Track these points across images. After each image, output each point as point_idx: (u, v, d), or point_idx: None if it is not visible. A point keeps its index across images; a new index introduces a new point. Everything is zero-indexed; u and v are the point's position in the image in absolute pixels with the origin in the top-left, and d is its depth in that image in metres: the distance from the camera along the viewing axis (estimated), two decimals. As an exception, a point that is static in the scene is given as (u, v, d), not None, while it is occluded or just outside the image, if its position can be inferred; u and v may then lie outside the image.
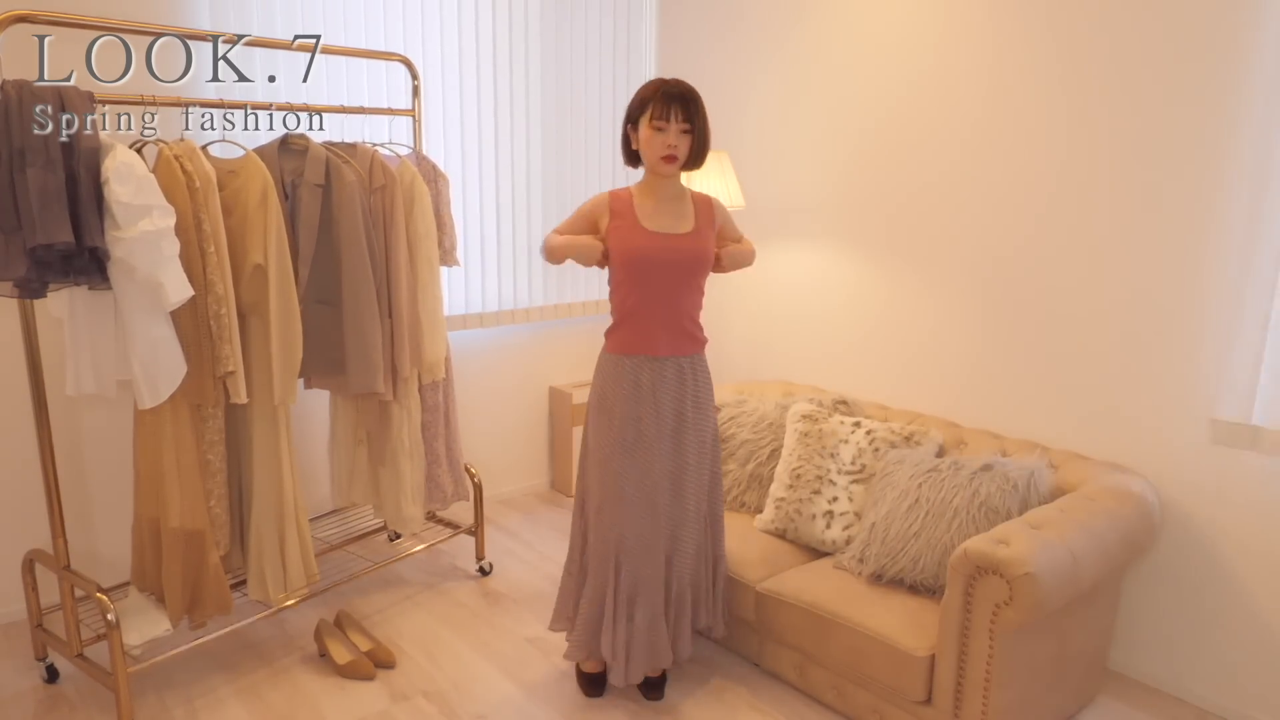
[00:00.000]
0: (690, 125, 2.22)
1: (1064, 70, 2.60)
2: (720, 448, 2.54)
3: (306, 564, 2.64)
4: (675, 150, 2.23)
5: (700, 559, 2.46)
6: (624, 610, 2.34)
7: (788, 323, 3.61)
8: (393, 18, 3.30)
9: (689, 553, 2.40)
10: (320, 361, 2.66)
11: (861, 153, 3.22)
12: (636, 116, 2.25)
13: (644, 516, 2.32)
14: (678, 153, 2.23)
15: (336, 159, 2.58)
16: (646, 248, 2.26)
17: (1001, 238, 2.81)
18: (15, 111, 1.94)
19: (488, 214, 3.71)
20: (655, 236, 2.27)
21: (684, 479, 2.37)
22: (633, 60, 4.05)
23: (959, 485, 2.38)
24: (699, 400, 2.38)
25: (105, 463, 2.90)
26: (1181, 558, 2.51)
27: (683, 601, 2.42)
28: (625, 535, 2.31)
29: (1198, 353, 2.41)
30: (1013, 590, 1.95)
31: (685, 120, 2.21)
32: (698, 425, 2.38)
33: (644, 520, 2.32)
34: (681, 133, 2.22)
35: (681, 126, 2.21)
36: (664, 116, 2.20)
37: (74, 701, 2.44)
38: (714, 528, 2.50)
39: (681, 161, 2.26)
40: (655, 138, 2.22)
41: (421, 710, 2.45)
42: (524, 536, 3.62)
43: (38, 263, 2.01)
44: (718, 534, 2.52)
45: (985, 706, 2.06)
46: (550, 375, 4.10)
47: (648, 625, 2.35)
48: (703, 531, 2.45)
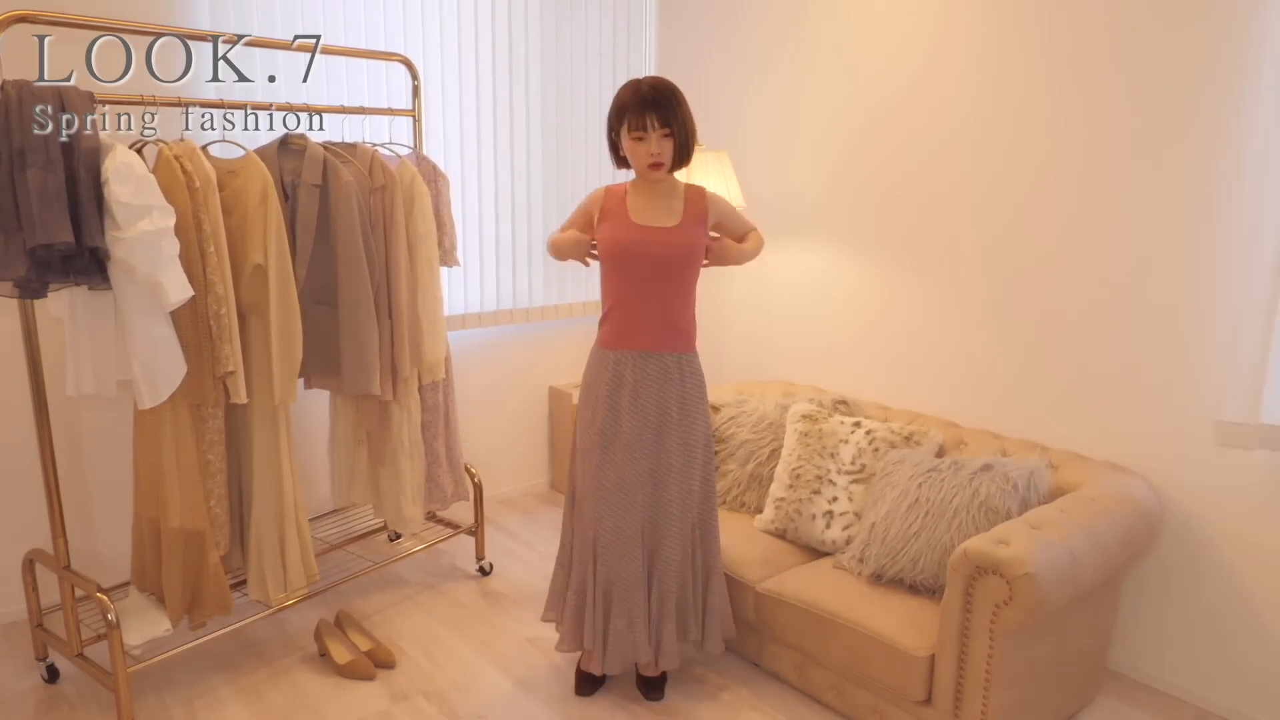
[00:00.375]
0: (669, 129, 2.19)
1: (1064, 66, 2.60)
2: (714, 457, 2.47)
3: (306, 564, 2.64)
4: (659, 157, 2.21)
5: (686, 568, 2.39)
6: (601, 604, 2.34)
7: (788, 323, 3.61)
8: (393, 18, 3.30)
9: (673, 560, 2.35)
10: (319, 362, 2.66)
11: (861, 152, 3.22)
12: (616, 126, 2.23)
13: (620, 512, 2.31)
14: (663, 158, 2.22)
15: (334, 159, 2.58)
16: (631, 240, 2.26)
17: (1002, 237, 2.81)
18: (15, 111, 1.94)
19: (487, 214, 3.71)
20: (640, 229, 2.27)
21: (667, 480, 2.33)
22: (633, 60, 4.05)
23: (959, 485, 2.38)
24: (686, 402, 2.34)
25: (105, 463, 2.90)
26: (1181, 558, 2.51)
27: (665, 607, 2.37)
28: (601, 530, 2.32)
29: (1199, 351, 2.41)
30: (1013, 590, 1.95)
31: (663, 125, 2.18)
32: (684, 427, 2.34)
33: (620, 515, 2.31)
34: (663, 138, 2.19)
35: (661, 132, 2.19)
36: (641, 126, 2.18)
37: (74, 701, 2.45)
38: (705, 541, 2.43)
39: (669, 165, 2.25)
40: (638, 148, 2.21)
41: (421, 710, 2.45)
42: (524, 536, 3.63)
43: (38, 263, 2.01)
44: (710, 548, 2.44)
45: (985, 706, 2.06)
46: (550, 375, 4.10)
47: (627, 624, 2.34)
48: (689, 540, 2.39)
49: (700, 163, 3.13)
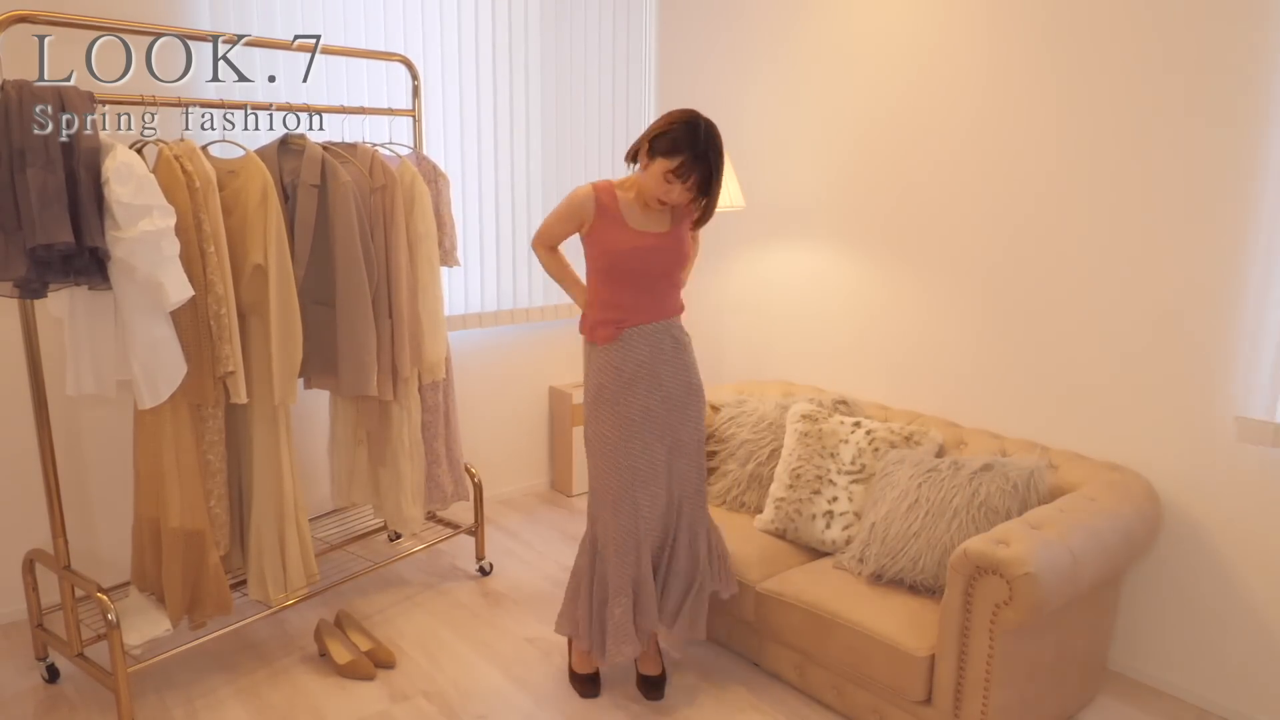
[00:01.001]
0: (703, 197, 2.22)
1: (1065, 63, 2.60)
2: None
3: (306, 564, 2.64)
4: (668, 200, 2.22)
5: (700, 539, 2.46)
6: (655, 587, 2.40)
7: (787, 323, 3.61)
8: (393, 18, 3.30)
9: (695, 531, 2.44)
10: (319, 362, 2.67)
11: (861, 152, 3.22)
12: (659, 151, 2.15)
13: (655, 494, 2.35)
14: (671, 203, 2.23)
15: (332, 159, 2.58)
16: (632, 249, 2.27)
17: (1002, 236, 2.81)
18: (15, 111, 1.94)
19: (487, 214, 3.71)
20: (639, 235, 2.28)
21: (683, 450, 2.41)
22: (633, 60, 4.05)
23: (959, 485, 2.38)
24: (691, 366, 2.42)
25: (105, 463, 2.90)
26: (1181, 558, 2.51)
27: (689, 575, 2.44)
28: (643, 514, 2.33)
29: (1199, 351, 2.41)
30: (1013, 590, 1.95)
31: (699, 191, 2.20)
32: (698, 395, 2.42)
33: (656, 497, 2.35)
34: (689, 196, 2.21)
35: (692, 194, 2.20)
36: (682, 176, 2.16)
37: (74, 701, 2.45)
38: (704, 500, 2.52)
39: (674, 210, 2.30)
40: (662, 185, 2.18)
41: (421, 710, 2.45)
42: (524, 536, 3.63)
43: (38, 263, 2.01)
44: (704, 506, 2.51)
45: (985, 706, 2.06)
46: (550, 375, 4.10)
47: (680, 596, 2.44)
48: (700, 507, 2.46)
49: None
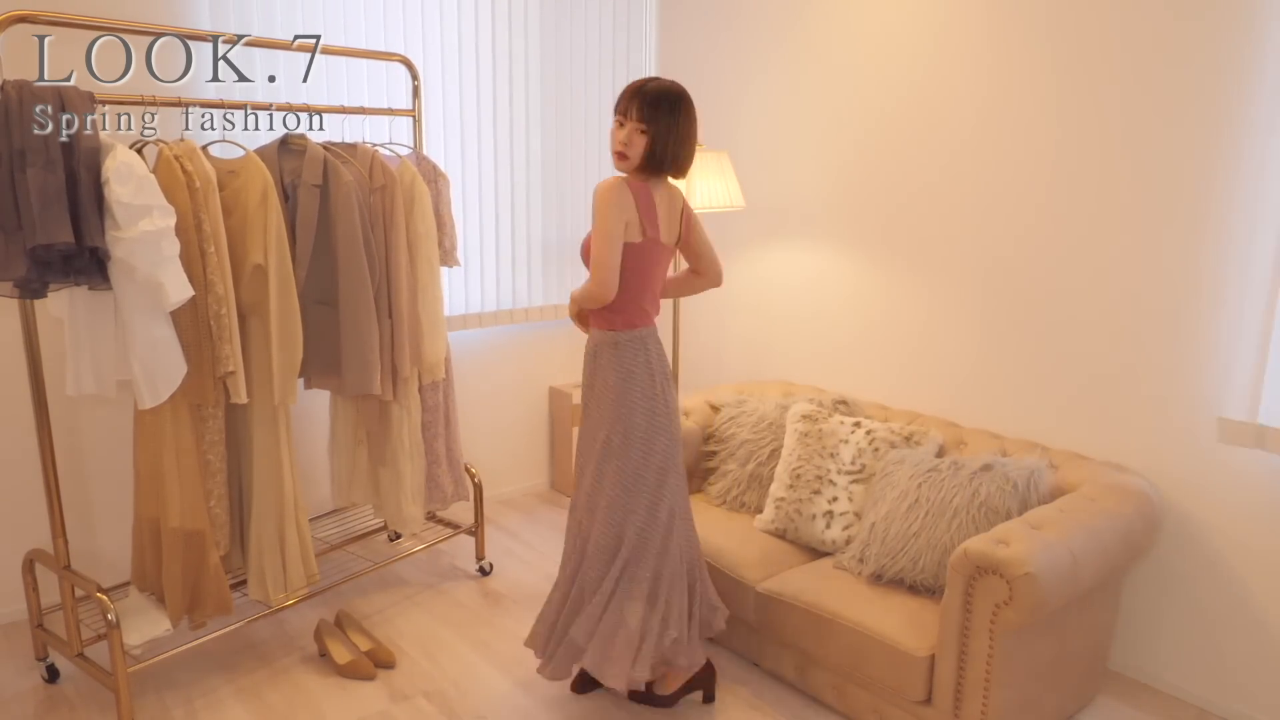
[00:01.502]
0: (646, 126, 2.09)
1: (1063, 66, 2.60)
2: None
3: (306, 564, 2.64)
4: (626, 149, 2.12)
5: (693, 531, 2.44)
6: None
7: (787, 323, 3.61)
8: (393, 18, 3.30)
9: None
10: (319, 362, 2.66)
11: (861, 152, 3.22)
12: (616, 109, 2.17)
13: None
14: (629, 151, 2.11)
15: (334, 159, 2.58)
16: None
17: (1002, 236, 2.82)
18: (15, 111, 1.94)
19: (487, 214, 3.71)
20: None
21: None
22: (633, 60, 4.05)
23: (959, 485, 2.38)
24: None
25: (105, 463, 2.90)
26: (1181, 558, 2.51)
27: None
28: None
29: (1199, 351, 2.41)
30: (1013, 590, 1.95)
31: (641, 120, 2.08)
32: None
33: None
34: (638, 132, 2.10)
35: (637, 125, 2.09)
36: (623, 112, 2.11)
37: (74, 701, 2.45)
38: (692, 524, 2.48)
39: (633, 163, 2.13)
40: (613, 132, 2.16)
41: (421, 710, 2.45)
42: (524, 536, 3.63)
43: (38, 263, 2.01)
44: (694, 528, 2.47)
45: (985, 706, 2.06)
46: (550, 375, 4.10)
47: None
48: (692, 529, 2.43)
49: (700, 163, 3.13)
